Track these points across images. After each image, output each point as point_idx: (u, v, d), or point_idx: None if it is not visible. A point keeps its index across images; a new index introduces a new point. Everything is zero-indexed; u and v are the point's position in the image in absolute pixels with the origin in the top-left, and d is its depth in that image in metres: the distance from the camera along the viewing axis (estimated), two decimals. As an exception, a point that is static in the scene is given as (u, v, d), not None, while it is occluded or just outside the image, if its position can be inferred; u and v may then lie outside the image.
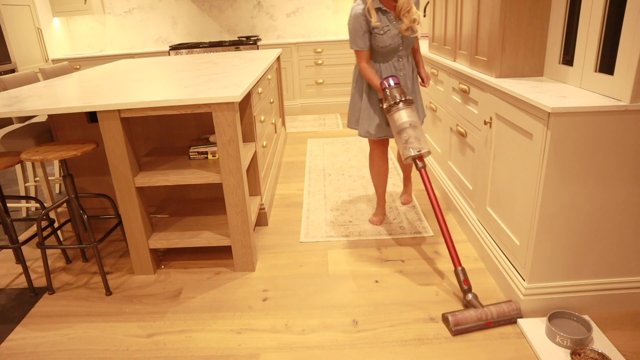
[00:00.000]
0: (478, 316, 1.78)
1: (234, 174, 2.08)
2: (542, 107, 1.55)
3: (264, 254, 2.41)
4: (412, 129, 2.12)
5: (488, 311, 1.79)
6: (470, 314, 1.78)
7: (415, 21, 2.19)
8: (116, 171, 2.07)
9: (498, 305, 1.81)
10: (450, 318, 1.77)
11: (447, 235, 2.00)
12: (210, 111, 2.01)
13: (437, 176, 3.06)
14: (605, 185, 1.63)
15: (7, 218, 2.15)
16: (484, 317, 1.78)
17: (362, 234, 2.55)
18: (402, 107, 2.15)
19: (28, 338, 1.87)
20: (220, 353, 1.73)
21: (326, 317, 1.89)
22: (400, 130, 2.14)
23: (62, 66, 3.45)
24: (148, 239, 2.24)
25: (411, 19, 2.17)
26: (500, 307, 1.80)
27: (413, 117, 2.14)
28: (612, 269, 1.77)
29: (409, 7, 2.16)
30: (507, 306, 1.80)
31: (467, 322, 1.77)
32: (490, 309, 1.79)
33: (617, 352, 1.61)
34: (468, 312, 1.79)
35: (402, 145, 2.14)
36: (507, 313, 1.79)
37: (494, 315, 1.78)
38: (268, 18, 5.72)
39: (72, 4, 5.37)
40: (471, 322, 1.77)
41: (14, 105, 2.05)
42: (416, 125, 2.14)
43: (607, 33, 1.59)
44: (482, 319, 1.78)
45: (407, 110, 2.15)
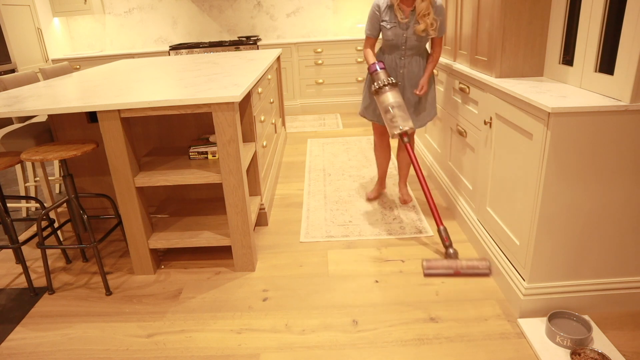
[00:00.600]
0: (449, 265, 2.10)
1: (234, 174, 2.08)
2: (542, 107, 1.55)
3: (264, 254, 2.41)
4: (397, 108, 2.35)
5: (459, 263, 2.10)
6: (442, 263, 2.11)
7: (432, 26, 2.35)
8: (116, 171, 2.07)
9: (471, 260, 2.10)
10: (424, 263, 2.13)
11: (430, 198, 2.29)
12: (210, 111, 2.01)
13: (437, 176, 3.06)
14: (605, 185, 1.63)
15: (7, 218, 2.15)
16: (454, 266, 2.10)
17: (362, 234, 2.55)
18: (388, 90, 2.37)
19: (28, 338, 1.87)
20: (220, 353, 1.73)
21: (326, 317, 1.89)
22: (387, 110, 2.37)
23: (62, 66, 3.45)
24: (148, 239, 2.24)
25: (428, 24, 2.34)
26: (471, 262, 2.10)
27: (397, 98, 2.37)
28: (612, 269, 1.77)
29: (428, 12, 2.32)
30: (479, 262, 2.09)
31: (438, 268, 2.11)
32: (462, 261, 2.10)
33: (617, 352, 1.61)
34: (442, 261, 2.12)
35: (389, 123, 2.38)
36: (476, 267, 2.07)
37: (464, 267, 2.08)
38: (268, 18, 5.72)
39: (72, 4, 5.37)
40: (442, 268, 2.10)
41: (14, 105, 2.05)
42: (400, 104, 2.36)
43: (607, 33, 1.59)
44: (451, 268, 2.10)
45: (393, 92, 2.38)
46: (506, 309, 1.88)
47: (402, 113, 2.35)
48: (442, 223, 2.21)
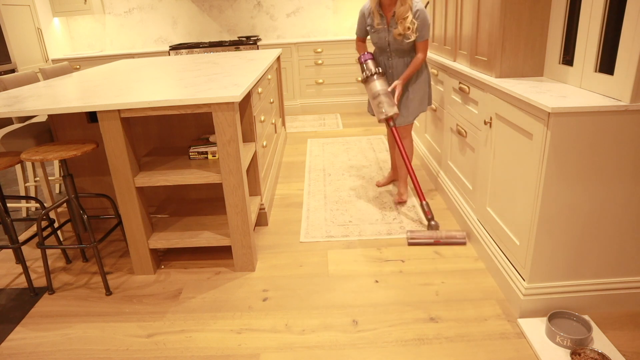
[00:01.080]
0: (430, 235, 2.38)
1: (234, 174, 2.08)
2: (542, 107, 1.55)
3: (264, 254, 2.41)
4: (383, 95, 2.59)
5: (439, 233, 2.38)
6: (424, 233, 2.40)
7: (409, 29, 2.48)
8: (116, 171, 2.07)
9: (450, 231, 2.39)
10: (408, 233, 2.40)
11: (413, 174, 2.57)
12: (210, 111, 2.01)
13: (437, 176, 3.06)
14: (605, 185, 1.63)
15: (7, 218, 2.15)
16: (434, 236, 2.38)
17: (362, 234, 2.55)
18: (376, 78, 2.61)
19: (28, 338, 1.87)
20: (220, 353, 1.73)
21: (326, 317, 1.89)
22: (375, 97, 2.61)
23: (62, 66, 3.45)
24: (148, 239, 2.24)
25: (405, 27, 2.47)
26: (450, 233, 2.38)
27: (384, 86, 2.60)
28: (612, 269, 1.77)
29: (405, 16, 2.46)
30: (457, 232, 2.37)
31: (420, 238, 2.39)
32: (441, 232, 2.38)
33: (617, 352, 1.61)
34: (423, 232, 2.40)
35: (376, 108, 2.62)
36: (454, 237, 2.36)
37: (443, 236, 2.37)
38: (268, 18, 5.72)
39: (72, 4, 5.37)
40: (423, 238, 2.38)
41: (14, 105, 2.05)
42: (387, 92, 2.59)
43: (607, 33, 1.59)
44: (432, 238, 2.38)
45: (380, 80, 2.61)
46: (506, 309, 1.88)
47: (388, 100, 2.58)
48: (425, 199, 2.54)
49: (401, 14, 2.44)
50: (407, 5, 2.42)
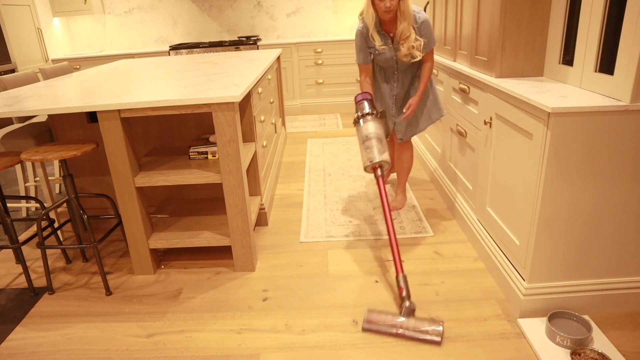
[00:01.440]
0: (392, 323, 1.77)
1: (234, 174, 2.08)
2: (542, 107, 1.55)
3: (264, 254, 2.41)
4: (375, 140, 2.23)
5: (407, 323, 1.76)
6: (386, 318, 1.78)
7: (414, 47, 2.29)
8: (116, 171, 2.07)
9: (423, 321, 1.76)
10: (366, 315, 1.81)
11: (395, 242, 2.02)
12: (210, 111, 2.01)
13: (437, 176, 3.06)
14: (605, 185, 1.63)
15: (7, 218, 2.15)
16: (398, 326, 1.76)
17: (362, 234, 2.55)
18: (369, 120, 2.29)
19: (28, 338, 1.87)
20: (220, 353, 1.73)
21: (326, 317, 1.89)
22: (364, 140, 2.26)
23: (62, 66, 3.45)
24: (148, 239, 2.24)
25: (409, 46, 2.28)
26: (422, 324, 1.75)
27: (377, 130, 2.26)
28: (612, 269, 1.77)
29: (408, 34, 2.26)
30: (431, 327, 1.74)
31: (379, 324, 1.78)
32: (410, 322, 1.76)
33: (617, 352, 1.61)
34: (386, 316, 1.79)
35: (364, 153, 2.25)
36: (426, 332, 1.73)
37: (410, 328, 1.74)
38: (268, 18, 5.72)
39: (72, 4, 5.36)
40: (383, 326, 1.77)
41: (14, 105, 2.05)
42: (379, 137, 2.25)
43: (607, 33, 1.59)
44: (395, 327, 1.76)
45: (374, 122, 2.29)
46: (506, 309, 1.88)
47: (379, 145, 2.23)
48: (403, 270, 1.94)
49: (403, 34, 2.27)
50: (408, 22, 2.24)
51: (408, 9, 2.23)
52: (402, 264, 2.03)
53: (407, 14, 2.23)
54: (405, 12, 2.22)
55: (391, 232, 2.04)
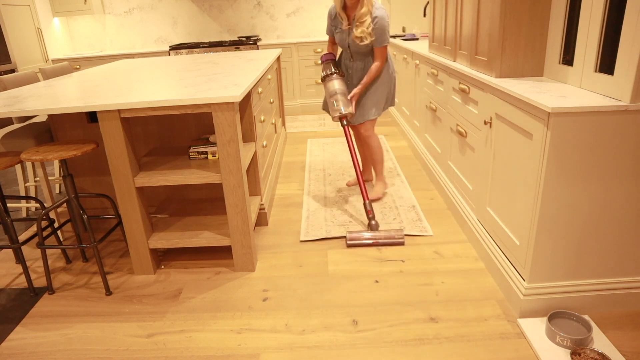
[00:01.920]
0: (368, 236, 2.39)
1: (234, 174, 2.08)
2: (542, 107, 1.55)
3: (264, 254, 2.41)
4: (341, 94, 2.64)
5: (378, 234, 2.39)
6: (363, 234, 2.40)
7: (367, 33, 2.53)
8: (116, 171, 2.07)
9: (388, 231, 2.40)
10: (347, 234, 2.41)
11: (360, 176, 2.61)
12: (210, 111, 2.01)
13: (437, 176, 3.06)
14: (605, 185, 1.63)
15: (7, 218, 2.15)
16: (373, 237, 2.39)
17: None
18: (334, 78, 2.68)
19: (28, 338, 1.87)
20: (220, 353, 1.73)
21: (326, 317, 1.89)
22: (331, 95, 2.66)
23: (62, 66, 3.45)
24: (148, 239, 2.24)
25: (363, 30, 2.52)
26: (389, 233, 2.39)
27: (342, 87, 2.67)
28: (612, 269, 1.77)
29: (363, 19, 2.51)
30: (395, 232, 2.39)
31: (360, 239, 2.39)
32: (380, 232, 2.40)
33: (617, 352, 1.61)
34: (363, 233, 2.41)
35: (331, 106, 2.66)
36: (392, 237, 2.38)
37: (382, 237, 2.38)
38: (268, 18, 5.72)
39: (72, 4, 5.37)
40: (362, 239, 2.39)
41: (14, 105, 2.05)
42: (344, 92, 2.65)
43: (607, 33, 1.59)
44: (371, 239, 2.39)
45: (339, 80, 2.68)
46: (506, 309, 1.88)
47: (344, 99, 2.63)
48: (368, 198, 2.55)
49: (359, 17, 2.51)
50: (367, 9, 2.48)
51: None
52: (367, 193, 2.58)
53: (368, 1, 2.49)
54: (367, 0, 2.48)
55: (357, 169, 2.63)
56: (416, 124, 3.80)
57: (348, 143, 2.67)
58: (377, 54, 2.61)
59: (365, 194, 2.54)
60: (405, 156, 3.82)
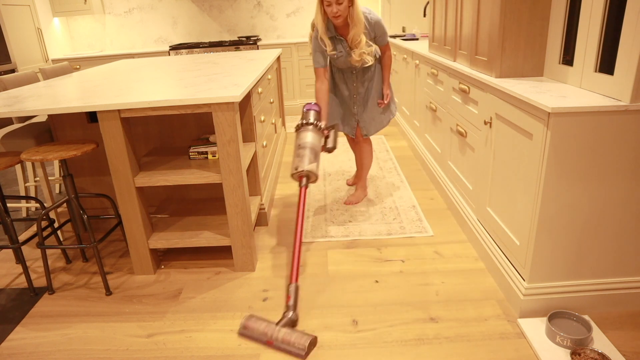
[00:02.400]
0: (264, 332, 1.76)
1: (234, 174, 2.08)
2: (542, 107, 1.55)
3: (264, 254, 2.41)
4: (309, 150, 2.20)
5: (277, 333, 1.74)
6: (260, 326, 1.78)
7: (365, 53, 2.37)
8: (116, 171, 2.07)
9: (292, 334, 1.73)
10: (242, 321, 1.82)
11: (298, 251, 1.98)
12: (210, 111, 2.01)
13: (437, 176, 3.06)
14: (605, 185, 1.63)
15: (7, 218, 2.15)
16: (269, 335, 1.75)
17: (362, 233, 2.55)
18: (310, 130, 2.28)
19: (28, 338, 1.87)
20: (220, 353, 1.73)
21: (326, 317, 1.89)
22: (298, 147, 2.24)
23: (62, 66, 3.45)
24: (148, 239, 2.24)
25: (360, 52, 2.36)
26: (290, 337, 1.72)
27: (315, 142, 2.25)
28: (612, 269, 1.77)
29: (358, 40, 2.32)
30: (298, 340, 1.71)
31: (253, 331, 1.78)
32: (280, 331, 1.74)
33: (617, 352, 1.61)
34: (261, 324, 1.78)
35: (295, 160, 2.21)
36: (292, 344, 1.70)
37: (279, 339, 1.73)
38: (268, 18, 5.72)
39: (72, 4, 5.37)
40: (257, 333, 1.77)
41: (14, 105, 2.05)
42: (316, 150, 2.23)
43: (607, 33, 1.59)
44: (266, 335, 1.75)
45: (313, 134, 2.27)
46: (506, 309, 1.88)
47: (312, 156, 2.20)
48: (297, 280, 1.93)
49: (354, 40, 2.33)
50: (358, 28, 2.29)
51: (358, 15, 2.26)
52: (298, 275, 1.98)
53: (357, 20, 2.27)
54: (355, 18, 2.26)
55: (297, 241, 2.00)
56: (416, 124, 3.80)
57: (299, 208, 2.09)
58: (385, 49, 2.57)
59: (296, 275, 1.93)
60: (405, 156, 3.82)
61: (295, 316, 1.83)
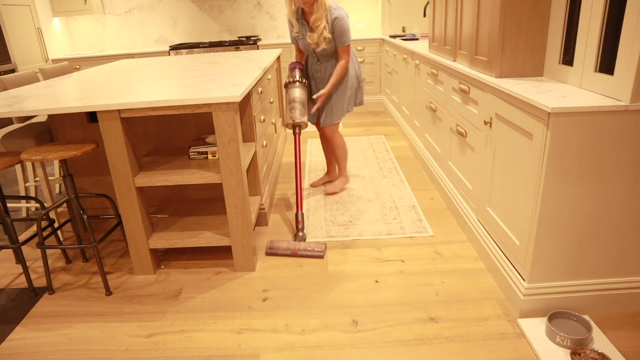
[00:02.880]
0: (288, 246, 2.34)
1: (234, 174, 2.08)
2: (542, 107, 1.55)
3: (264, 254, 2.41)
4: (299, 103, 2.70)
5: (298, 245, 2.33)
6: (283, 244, 2.35)
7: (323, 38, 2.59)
8: (116, 171, 2.07)
9: (309, 243, 2.34)
10: (268, 243, 2.38)
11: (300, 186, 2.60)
12: (210, 111, 2.01)
13: (437, 176, 3.06)
14: (605, 185, 1.63)
15: (7, 218, 2.15)
16: (292, 248, 2.34)
17: (362, 233, 2.55)
18: (297, 86, 2.73)
19: (28, 338, 1.87)
20: (220, 353, 1.73)
21: (326, 317, 1.89)
22: (290, 102, 2.72)
23: (62, 66, 3.45)
24: (148, 239, 2.24)
25: (318, 35, 2.58)
26: (309, 245, 2.33)
27: (303, 97, 2.72)
28: (612, 269, 1.77)
29: (319, 24, 2.56)
30: (316, 245, 2.32)
31: (279, 249, 2.35)
32: (300, 244, 2.34)
33: (617, 352, 1.61)
34: (284, 242, 2.36)
35: (289, 113, 2.72)
36: (312, 249, 2.31)
37: (301, 249, 2.32)
38: (268, 18, 5.72)
39: (72, 4, 5.37)
40: (282, 249, 2.34)
41: (14, 105, 2.05)
42: (303, 102, 2.71)
43: (607, 33, 1.59)
44: (290, 249, 2.34)
45: (301, 89, 2.74)
46: (506, 309, 1.88)
47: (302, 108, 2.69)
48: (302, 209, 2.54)
49: (314, 22, 2.56)
50: (319, 14, 2.52)
51: (323, 3, 2.52)
52: (302, 204, 2.59)
53: (321, 6, 2.53)
54: (320, 4, 2.52)
55: (298, 177, 2.62)
56: (416, 124, 3.80)
57: (295, 151, 2.67)
58: (341, 53, 2.68)
59: (300, 205, 2.53)
60: (405, 156, 3.82)
61: (304, 236, 2.47)
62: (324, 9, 2.53)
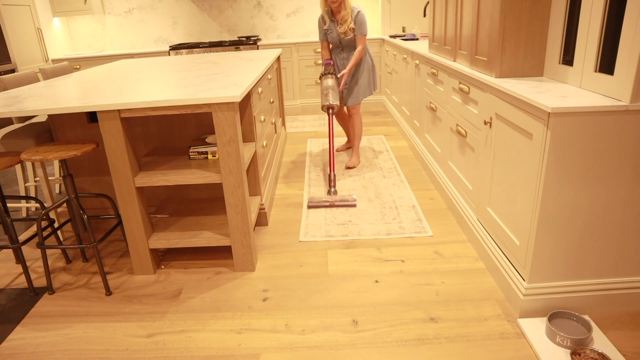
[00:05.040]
0: (325, 200, 2.90)
1: (234, 174, 2.08)
2: (542, 107, 1.55)
3: (264, 254, 2.41)
4: (332, 89, 3.36)
5: (334, 198, 2.91)
6: (320, 198, 2.92)
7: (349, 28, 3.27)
8: (116, 171, 2.07)
9: (343, 196, 2.92)
10: (308, 199, 2.91)
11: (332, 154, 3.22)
12: (210, 111, 2.01)
13: (437, 176, 3.06)
14: (605, 185, 1.63)
15: (7, 218, 2.15)
16: (330, 200, 2.89)
17: (362, 233, 2.55)
18: (329, 77, 3.43)
19: (28, 338, 1.87)
20: (220, 353, 1.73)
21: (326, 317, 1.89)
22: (325, 89, 3.39)
23: (62, 66, 3.45)
24: (148, 239, 2.24)
25: (346, 26, 3.27)
26: (343, 197, 2.91)
27: (335, 85, 3.39)
28: (612, 269, 1.77)
29: (346, 19, 3.26)
30: (349, 197, 2.91)
31: (317, 202, 2.89)
32: (335, 197, 2.92)
33: (617, 352, 1.61)
34: (320, 198, 2.93)
35: (323, 97, 3.37)
36: (346, 200, 2.89)
37: (337, 200, 2.89)
38: (268, 18, 5.72)
39: (72, 4, 5.37)
40: (321, 202, 2.89)
41: (14, 105, 2.05)
42: (334, 88, 3.38)
43: (607, 33, 1.59)
44: (327, 202, 2.89)
45: (332, 79, 3.42)
46: (506, 309, 1.88)
47: (334, 94, 3.35)
48: (334, 170, 3.12)
49: (342, 18, 3.27)
50: (347, 11, 3.25)
51: (349, 3, 3.24)
52: (334, 167, 3.16)
53: (347, 5, 3.24)
54: (346, 4, 3.24)
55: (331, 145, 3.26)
56: (416, 124, 3.80)
57: (329, 126, 3.32)
58: (359, 41, 3.32)
59: (332, 167, 3.14)
60: (405, 156, 3.82)
61: (337, 191, 3.07)
62: (349, 6, 3.25)
